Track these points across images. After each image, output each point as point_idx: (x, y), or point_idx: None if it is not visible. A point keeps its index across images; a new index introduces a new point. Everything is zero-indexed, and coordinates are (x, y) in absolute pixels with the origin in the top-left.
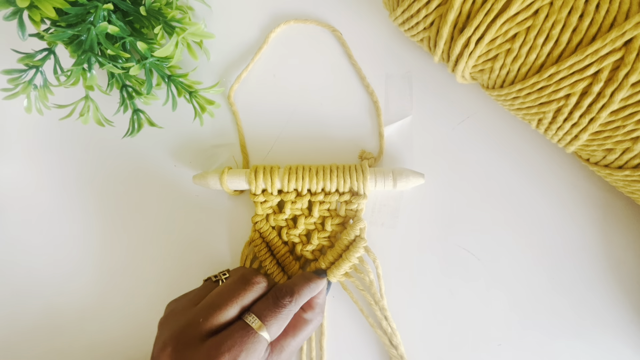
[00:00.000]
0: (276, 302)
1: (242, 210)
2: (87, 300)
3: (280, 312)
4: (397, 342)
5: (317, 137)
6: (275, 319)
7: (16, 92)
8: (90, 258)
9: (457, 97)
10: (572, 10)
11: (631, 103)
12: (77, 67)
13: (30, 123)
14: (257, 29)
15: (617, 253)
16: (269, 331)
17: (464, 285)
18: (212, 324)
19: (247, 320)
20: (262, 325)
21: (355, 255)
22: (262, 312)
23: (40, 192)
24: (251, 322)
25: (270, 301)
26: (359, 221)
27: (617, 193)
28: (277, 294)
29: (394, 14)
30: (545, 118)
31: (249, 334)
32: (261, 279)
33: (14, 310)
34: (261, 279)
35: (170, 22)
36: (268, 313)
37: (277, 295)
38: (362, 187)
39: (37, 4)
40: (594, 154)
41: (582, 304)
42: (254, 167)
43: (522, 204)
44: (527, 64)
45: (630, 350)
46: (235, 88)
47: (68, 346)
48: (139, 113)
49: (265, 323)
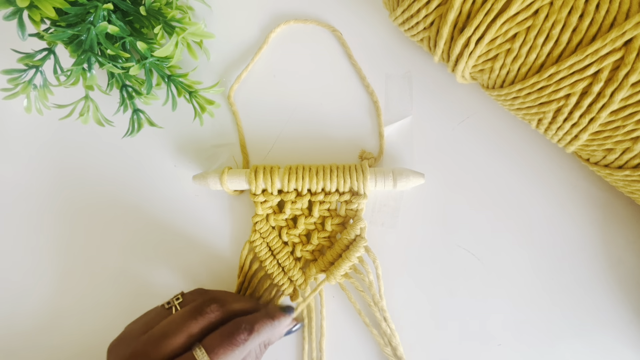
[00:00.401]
0: (230, 339)
1: (242, 211)
2: (87, 300)
3: (232, 350)
4: (396, 343)
5: (317, 137)
6: (225, 356)
7: (16, 92)
8: (89, 258)
9: (457, 97)
10: (572, 10)
11: (631, 103)
12: (77, 67)
13: (30, 123)
14: (257, 29)
15: (617, 253)
16: None
17: (464, 285)
18: (160, 354)
19: (195, 354)
20: None
21: (355, 255)
22: (213, 347)
23: (40, 191)
24: (200, 356)
25: (224, 336)
26: (359, 221)
27: (617, 193)
28: (233, 328)
29: (394, 14)
30: (545, 118)
31: None
32: (214, 309)
33: (14, 310)
34: (214, 309)
35: (170, 22)
36: (219, 349)
37: (232, 331)
38: (362, 187)
39: (37, 4)
40: (594, 154)
41: (581, 304)
42: (253, 167)
43: (522, 203)
44: (527, 64)
45: (630, 350)
46: (235, 88)
47: (64, 346)
48: (139, 113)
49: (213, 359)
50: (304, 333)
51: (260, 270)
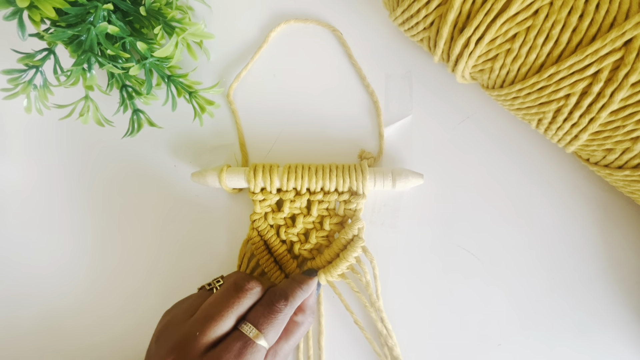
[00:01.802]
0: (271, 308)
1: (240, 209)
2: (86, 300)
3: (275, 318)
4: (392, 343)
5: (316, 137)
6: (271, 326)
7: (16, 92)
8: (89, 258)
9: (457, 97)
10: (572, 10)
11: (631, 103)
12: (77, 67)
13: (30, 123)
14: (257, 29)
15: (617, 253)
16: (266, 339)
17: (464, 285)
18: (208, 337)
19: (243, 330)
20: (259, 333)
21: (353, 254)
22: (257, 320)
23: (40, 192)
24: (248, 331)
25: (265, 307)
26: (357, 221)
27: (617, 193)
28: (271, 299)
29: (394, 14)
30: (545, 118)
31: (247, 345)
32: (254, 284)
33: (14, 310)
34: (254, 284)
35: (170, 22)
36: (264, 320)
37: (271, 301)
38: (361, 187)
39: (37, 4)
40: (593, 154)
41: (582, 303)
42: (253, 165)
43: (522, 203)
44: (527, 64)
45: (630, 350)
46: (235, 87)
47: (67, 346)
48: (139, 113)
49: (262, 331)
50: None
51: (258, 268)
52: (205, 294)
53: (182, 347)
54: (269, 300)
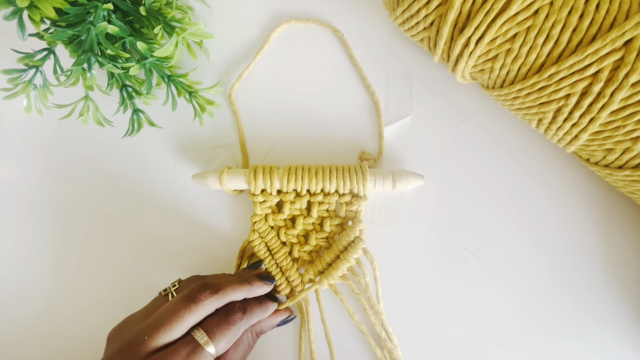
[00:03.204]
0: (226, 319)
1: (241, 210)
2: (86, 299)
3: (229, 329)
4: (392, 346)
5: (317, 138)
6: (222, 335)
7: (16, 92)
8: (89, 257)
9: (457, 97)
10: (572, 10)
11: (631, 103)
12: (77, 67)
13: (30, 123)
14: (258, 29)
15: (617, 253)
16: (216, 347)
17: (464, 286)
18: (157, 342)
19: (195, 335)
20: (209, 341)
21: (354, 256)
22: (211, 328)
23: (40, 191)
24: (199, 337)
25: (221, 317)
26: (358, 222)
27: (617, 193)
28: (229, 310)
29: (394, 14)
30: (545, 118)
31: (195, 350)
32: (207, 296)
33: (14, 310)
34: (207, 296)
35: (170, 22)
36: (217, 329)
37: (228, 312)
38: (361, 188)
39: (37, 4)
40: (594, 154)
41: (582, 303)
42: (253, 167)
43: (522, 203)
44: (527, 64)
45: (630, 350)
46: (236, 87)
47: (67, 346)
48: (139, 113)
49: (212, 339)
50: (301, 332)
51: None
52: (161, 299)
53: (129, 349)
54: (227, 311)
